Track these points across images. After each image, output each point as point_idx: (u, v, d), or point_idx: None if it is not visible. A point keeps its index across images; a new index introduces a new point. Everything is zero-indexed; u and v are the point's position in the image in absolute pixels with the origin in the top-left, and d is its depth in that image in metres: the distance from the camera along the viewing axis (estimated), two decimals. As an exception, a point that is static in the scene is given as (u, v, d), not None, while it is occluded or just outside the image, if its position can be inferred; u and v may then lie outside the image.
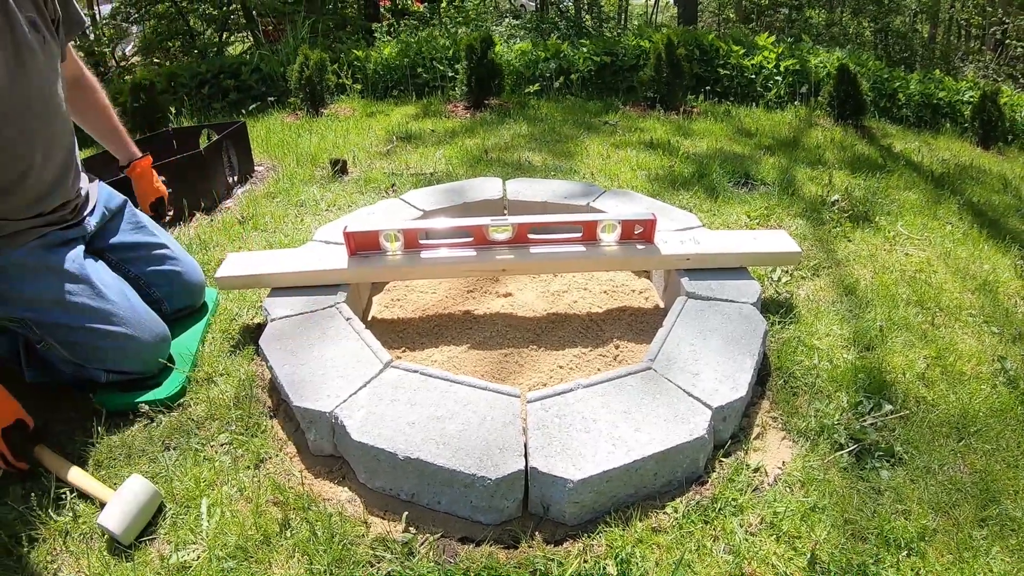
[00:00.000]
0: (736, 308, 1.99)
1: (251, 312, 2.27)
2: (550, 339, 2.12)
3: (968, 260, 2.75)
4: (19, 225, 1.74)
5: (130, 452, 1.70)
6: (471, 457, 1.47)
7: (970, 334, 2.24)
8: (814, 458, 1.67)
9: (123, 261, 2.04)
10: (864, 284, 2.49)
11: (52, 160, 1.79)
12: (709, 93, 5.62)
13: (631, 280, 2.46)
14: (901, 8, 13.66)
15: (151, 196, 2.39)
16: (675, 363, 1.76)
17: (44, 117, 1.75)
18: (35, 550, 1.45)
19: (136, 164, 2.31)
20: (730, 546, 1.44)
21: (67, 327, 1.76)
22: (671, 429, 1.55)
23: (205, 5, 8.49)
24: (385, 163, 3.82)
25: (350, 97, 5.54)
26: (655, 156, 3.90)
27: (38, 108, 1.72)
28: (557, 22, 9.69)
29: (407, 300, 2.35)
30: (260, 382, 1.96)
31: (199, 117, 5.25)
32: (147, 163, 2.35)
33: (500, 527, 1.50)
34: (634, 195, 2.75)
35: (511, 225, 2.17)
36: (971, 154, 4.58)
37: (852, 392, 1.89)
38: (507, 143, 4.17)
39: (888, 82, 5.63)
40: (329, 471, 1.66)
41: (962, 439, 1.77)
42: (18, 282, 1.73)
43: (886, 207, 3.24)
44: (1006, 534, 1.51)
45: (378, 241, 2.16)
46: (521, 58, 5.92)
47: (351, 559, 1.41)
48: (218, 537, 1.46)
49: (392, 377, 1.72)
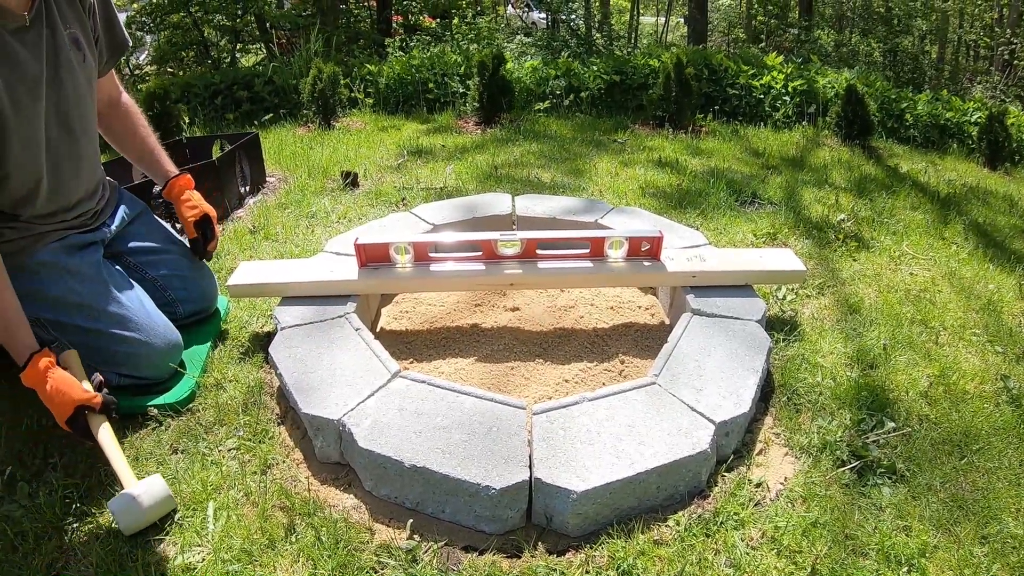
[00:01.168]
0: (741, 325, 2.01)
1: (261, 320, 2.30)
2: (556, 353, 2.14)
3: (973, 280, 2.77)
4: (41, 227, 1.78)
5: (138, 454, 1.72)
6: (477, 467, 1.49)
7: (974, 353, 2.25)
8: (816, 474, 1.68)
9: (141, 264, 2.08)
10: (868, 303, 2.51)
11: (80, 173, 1.85)
12: (718, 112, 5.67)
13: (637, 296, 2.48)
14: (910, 29, 13.73)
15: (194, 215, 2.16)
16: (679, 378, 1.78)
17: (77, 133, 1.80)
18: (40, 547, 1.47)
19: (173, 184, 2.15)
20: (731, 560, 1.45)
21: (82, 329, 1.79)
22: (674, 443, 1.56)
23: (219, 16, 8.59)
24: (396, 177, 3.86)
25: (362, 111, 5.60)
26: (663, 174, 3.93)
27: (72, 125, 1.77)
28: (568, 40, 9.77)
29: (415, 312, 2.38)
30: (268, 389, 1.98)
31: (212, 127, 5.31)
32: (186, 182, 2.18)
33: (503, 537, 1.51)
34: (641, 212, 2.78)
35: (520, 240, 2.20)
36: (977, 175, 4.59)
37: (855, 409, 1.90)
38: (517, 159, 4.21)
39: (896, 102, 5.66)
40: (335, 478, 1.68)
41: (964, 457, 1.78)
42: (37, 282, 1.76)
43: (892, 227, 3.26)
44: (1007, 551, 1.51)
45: (388, 253, 2.19)
46: (532, 75, 5.98)
47: (355, 565, 1.42)
48: (224, 540, 1.48)
49: (400, 387, 1.74)
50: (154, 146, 2.17)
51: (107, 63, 1.96)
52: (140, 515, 1.49)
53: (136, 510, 1.48)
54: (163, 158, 2.18)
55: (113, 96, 2.06)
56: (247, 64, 8.62)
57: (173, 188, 2.15)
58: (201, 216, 2.18)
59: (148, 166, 2.18)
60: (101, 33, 1.86)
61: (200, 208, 2.18)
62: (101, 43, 1.88)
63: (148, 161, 2.17)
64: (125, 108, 2.11)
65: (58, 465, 1.69)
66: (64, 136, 1.76)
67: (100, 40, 1.87)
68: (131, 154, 2.17)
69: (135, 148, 2.15)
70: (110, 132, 2.11)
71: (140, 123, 2.14)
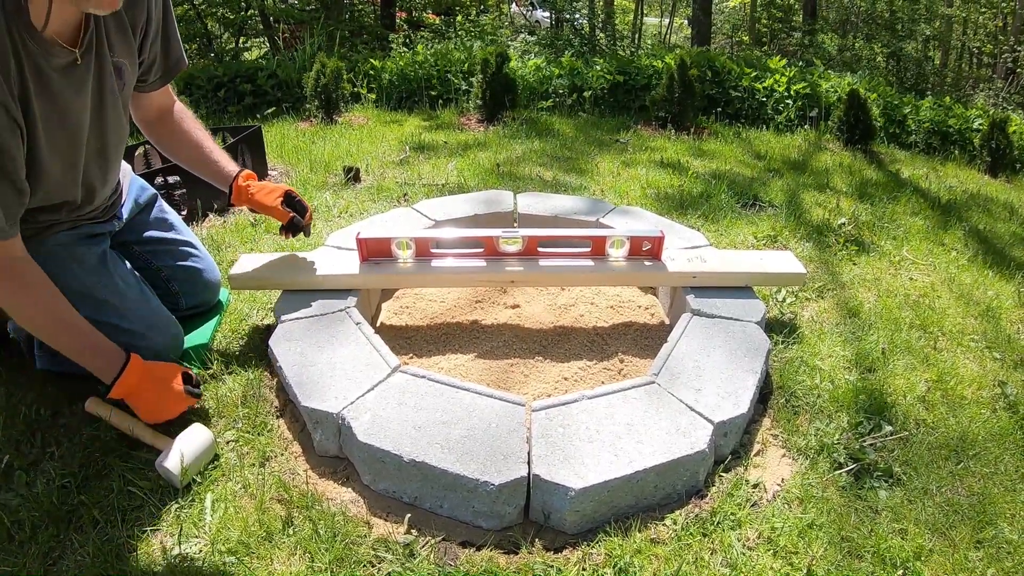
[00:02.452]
0: (740, 327, 2.02)
1: (261, 313, 2.30)
2: (556, 351, 2.14)
3: (972, 286, 2.77)
4: (54, 221, 1.78)
5: (137, 443, 1.72)
6: (475, 462, 1.50)
7: (972, 359, 2.26)
8: (813, 476, 1.68)
9: (148, 254, 2.08)
10: (868, 307, 2.52)
11: (107, 184, 1.86)
12: (720, 114, 5.67)
13: (637, 296, 2.48)
14: (914, 34, 13.74)
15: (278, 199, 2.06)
16: (678, 378, 1.79)
17: (111, 157, 1.81)
18: (37, 537, 1.47)
19: (237, 189, 2.05)
20: (727, 560, 1.45)
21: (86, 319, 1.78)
22: (672, 442, 1.57)
23: (223, 9, 8.58)
24: (398, 172, 3.86)
25: (364, 106, 5.60)
26: (665, 175, 3.94)
27: (108, 152, 1.78)
28: (571, 39, 9.76)
29: (416, 308, 2.38)
30: (268, 382, 1.98)
31: (214, 120, 5.32)
32: (246, 177, 2.07)
33: (501, 533, 1.52)
34: (643, 212, 2.78)
35: (521, 238, 2.20)
36: (979, 182, 4.60)
37: (853, 412, 1.91)
38: (519, 157, 4.21)
39: (898, 108, 5.67)
40: (333, 472, 1.68)
41: (961, 462, 1.78)
42: (45, 271, 1.76)
43: (892, 232, 3.27)
44: (1002, 556, 1.52)
45: (390, 248, 2.19)
46: (535, 74, 5.98)
47: (352, 558, 1.43)
48: (221, 532, 1.49)
49: (399, 381, 1.74)
50: (211, 150, 2.06)
51: (161, 79, 1.89)
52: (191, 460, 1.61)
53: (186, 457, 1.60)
54: (221, 160, 2.07)
55: (165, 106, 2.00)
56: (251, 58, 8.61)
57: (241, 194, 2.06)
58: (283, 195, 2.09)
59: (206, 172, 2.08)
60: (158, 51, 1.81)
61: (277, 190, 2.09)
62: (157, 62, 1.83)
63: (204, 167, 2.07)
64: (178, 116, 2.02)
65: (56, 455, 1.69)
66: (100, 160, 1.76)
67: (156, 59, 1.82)
68: (184, 161, 2.08)
69: (188, 155, 2.06)
70: (162, 142, 2.04)
71: (193, 127, 2.05)
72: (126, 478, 1.62)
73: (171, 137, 2.04)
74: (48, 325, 1.66)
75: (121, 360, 1.68)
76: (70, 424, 1.80)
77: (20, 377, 1.93)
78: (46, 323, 1.66)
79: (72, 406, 1.85)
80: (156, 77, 1.88)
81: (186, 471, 1.58)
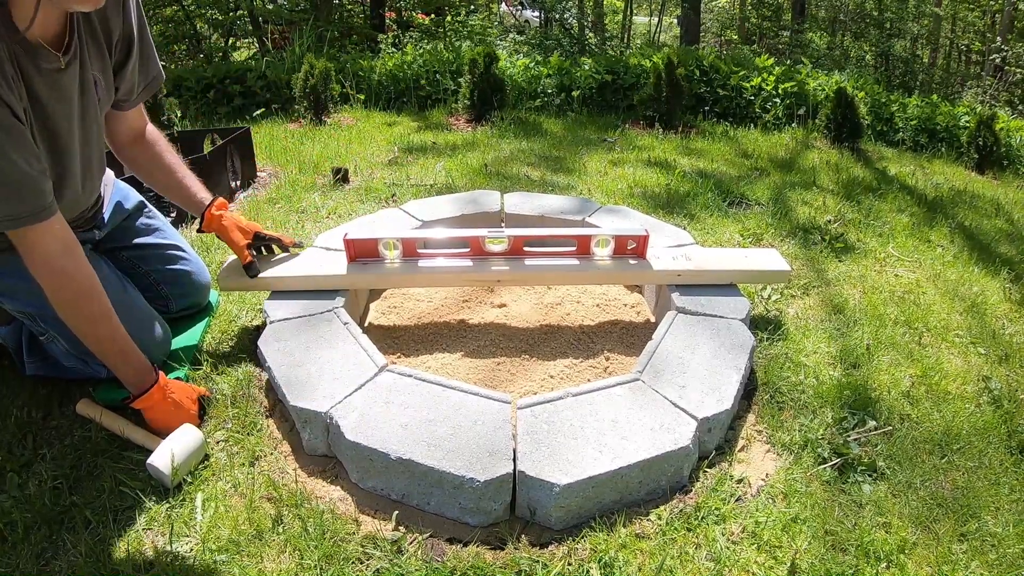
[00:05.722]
0: (725, 324, 2.03)
1: (250, 314, 2.31)
2: (542, 349, 2.16)
3: (957, 282, 2.80)
4: None
5: (128, 444, 1.73)
6: (461, 459, 1.51)
7: (956, 354, 2.29)
8: (797, 471, 1.70)
9: (137, 259, 2.08)
10: (853, 303, 2.54)
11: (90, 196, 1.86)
12: (708, 113, 5.70)
13: (623, 294, 2.50)
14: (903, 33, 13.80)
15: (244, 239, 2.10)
16: (663, 375, 1.80)
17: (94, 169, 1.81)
18: (30, 538, 1.48)
19: (209, 217, 2.04)
20: (712, 553, 1.47)
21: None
22: (657, 438, 1.58)
23: (212, 10, 8.56)
24: (386, 173, 3.87)
25: (353, 107, 5.60)
26: (652, 174, 3.96)
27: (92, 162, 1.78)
28: (560, 39, 9.78)
29: (403, 307, 2.39)
30: (257, 382, 1.99)
31: (203, 121, 5.31)
32: (219, 206, 2.07)
33: (487, 529, 1.53)
34: (629, 211, 2.80)
35: (507, 237, 2.21)
36: (965, 179, 4.64)
37: (837, 408, 1.93)
38: (507, 157, 4.22)
39: (886, 106, 5.70)
40: (322, 470, 1.69)
41: (945, 456, 1.81)
42: (24, 275, 1.75)
43: (878, 229, 3.30)
44: (985, 549, 1.54)
45: (377, 249, 2.20)
46: (524, 73, 5.99)
47: (341, 555, 1.44)
48: (212, 530, 1.50)
49: (387, 381, 1.76)
50: (183, 176, 2.04)
51: (139, 96, 1.89)
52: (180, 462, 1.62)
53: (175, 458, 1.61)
54: (194, 187, 2.05)
55: (138, 127, 1.97)
56: (240, 59, 8.60)
57: (212, 222, 2.05)
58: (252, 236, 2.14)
59: (178, 198, 2.06)
60: (136, 67, 1.79)
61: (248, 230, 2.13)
62: (135, 77, 1.81)
63: (177, 192, 2.05)
64: (151, 139, 2.00)
65: (47, 456, 1.69)
66: (86, 172, 1.76)
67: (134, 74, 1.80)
68: (158, 186, 2.05)
69: (161, 180, 2.03)
70: (135, 165, 2.02)
71: (166, 151, 2.02)
72: (117, 479, 1.62)
73: (145, 161, 2.00)
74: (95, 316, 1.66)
75: (151, 378, 1.73)
76: (61, 426, 1.80)
77: (11, 380, 1.93)
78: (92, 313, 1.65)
79: (63, 408, 1.86)
80: (136, 93, 1.88)
81: (177, 471, 1.59)
